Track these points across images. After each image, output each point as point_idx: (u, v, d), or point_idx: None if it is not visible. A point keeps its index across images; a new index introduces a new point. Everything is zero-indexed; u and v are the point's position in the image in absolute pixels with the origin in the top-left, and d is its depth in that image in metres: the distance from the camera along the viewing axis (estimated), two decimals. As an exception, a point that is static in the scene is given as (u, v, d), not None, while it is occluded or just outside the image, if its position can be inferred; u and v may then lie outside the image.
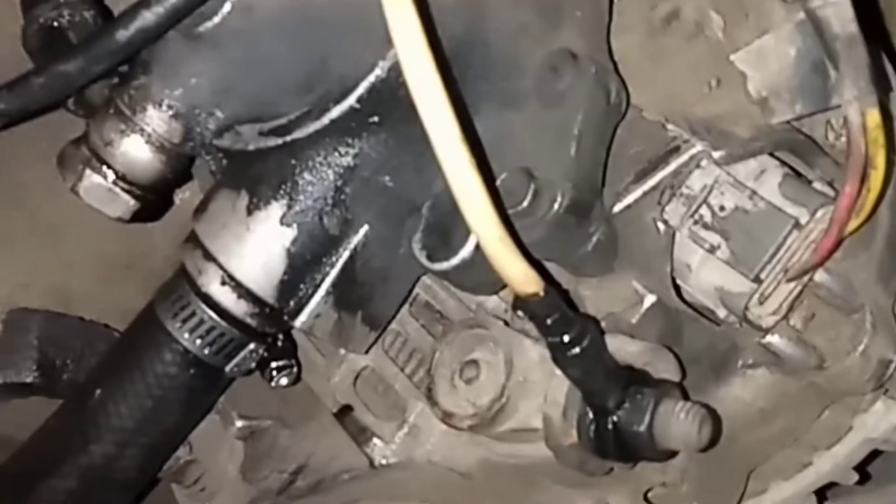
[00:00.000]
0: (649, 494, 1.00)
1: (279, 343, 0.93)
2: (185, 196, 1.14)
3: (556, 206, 0.82)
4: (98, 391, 0.91)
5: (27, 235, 1.19)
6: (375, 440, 1.00)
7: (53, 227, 1.18)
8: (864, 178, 0.81)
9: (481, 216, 0.67)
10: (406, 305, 1.01)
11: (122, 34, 0.74)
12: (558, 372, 0.83)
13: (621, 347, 0.83)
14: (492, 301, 0.97)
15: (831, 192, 0.90)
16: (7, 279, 1.16)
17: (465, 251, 0.81)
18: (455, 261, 0.82)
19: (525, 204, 0.81)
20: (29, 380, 1.07)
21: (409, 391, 1.00)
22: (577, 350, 0.76)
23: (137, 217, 0.89)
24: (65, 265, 1.19)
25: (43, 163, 1.06)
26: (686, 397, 0.84)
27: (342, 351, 1.04)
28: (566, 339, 0.75)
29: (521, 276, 0.70)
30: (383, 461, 1.00)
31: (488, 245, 0.68)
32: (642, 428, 0.80)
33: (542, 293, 0.72)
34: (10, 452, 0.98)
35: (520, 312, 0.77)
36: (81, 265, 1.19)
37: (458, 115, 0.65)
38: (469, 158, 0.66)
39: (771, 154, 0.91)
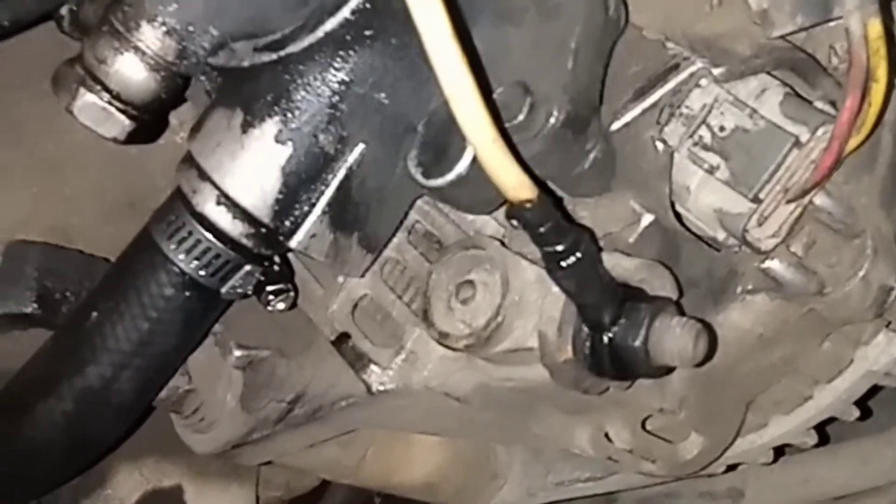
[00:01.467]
0: (647, 422, 1.00)
1: (276, 266, 0.93)
2: (185, 136, 1.14)
3: (552, 120, 0.81)
4: (94, 314, 0.91)
5: (26, 172, 1.19)
6: (373, 367, 1.00)
7: (53, 163, 1.18)
8: (865, 92, 0.80)
9: (474, 119, 0.66)
10: (404, 234, 1.00)
11: None
12: (554, 290, 0.83)
13: (617, 264, 0.83)
14: (490, 227, 0.97)
15: (833, 112, 0.88)
16: (7, 216, 1.16)
17: (461, 166, 0.81)
18: (450, 176, 0.81)
19: (521, 118, 0.80)
20: (28, 311, 1.07)
21: (406, 318, 0.99)
22: (571, 260, 0.75)
23: (132, 138, 0.89)
24: (65, 202, 1.18)
25: (41, 99, 1.06)
26: (682, 314, 0.83)
27: (340, 280, 1.03)
28: (560, 248, 0.74)
29: (514, 181, 0.69)
30: (380, 388, 0.99)
31: (481, 148, 0.67)
32: (638, 343, 0.80)
33: (535, 200, 0.71)
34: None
35: (513, 222, 0.76)
36: (82, 202, 1.19)
37: (452, 21, 0.64)
38: (462, 60, 0.65)
39: (772, 74, 0.90)
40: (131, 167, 1.19)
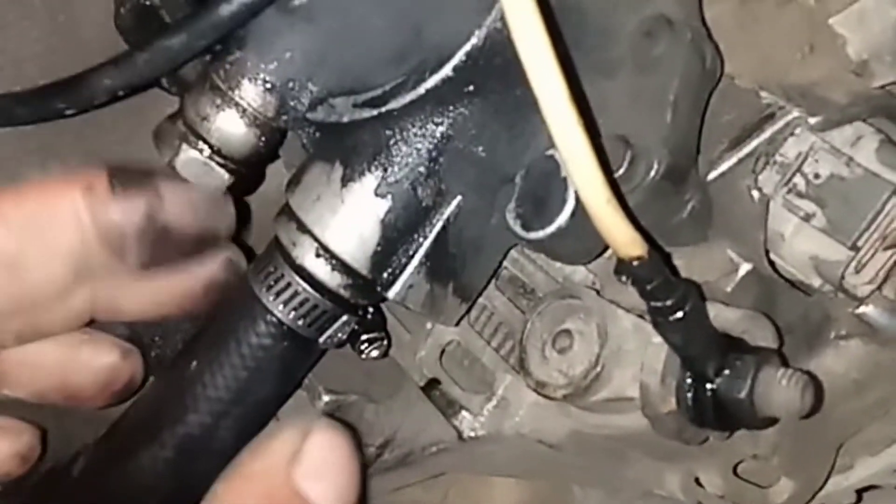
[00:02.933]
0: (739, 468, 0.99)
1: (370, 316, 0.93)
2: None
3: (652, 172, 0.82)
4: (194, 362, 0.92)
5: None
6: (463, 413, 1.00)
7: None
8: (968, 141, 0.80)
9: (589, 178, 0.67)
10: (493, 280, 1.01)
11: (227, 9, 0.76)
12: (655, 340, 0.83)
13: (719, 314, 0.82)
14: (579, 274, 0.97)
15: (930, 158, 0.88)
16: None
17: (562, 219, 0.81)
18: (551, 228, 0.81)
19: (622, 171, 0.81)
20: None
21: (496, 364, 1.00)
22: (679, 315, 0.75)
23: (231, 191, 0.90)
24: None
25: (127, 144, 1.08)
26: (786, 365, 0.83)
27: (428, 326, 1.04)
28: (668, 303, 0.75)
29: (626, 239, 0.70)
30: (472, 434, 1.00)
31: (596, 208, 0.68)
32: (743, 395, 0.80)
33: (646, 256, 0.71)
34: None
35: (622, 278, 0.76)
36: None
37: (566, 77, 0.65)
38: (578, 120, 0.66)
39: (866, 121, 0.90)
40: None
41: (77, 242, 0.84)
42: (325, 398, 1.06)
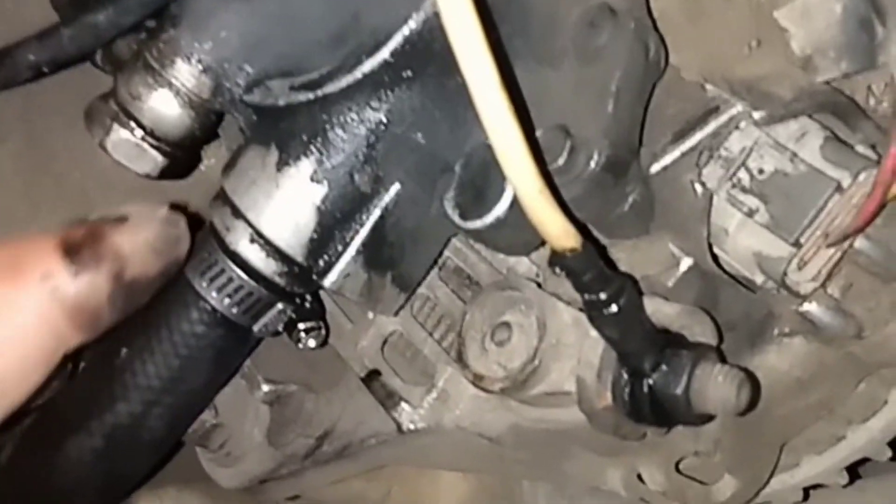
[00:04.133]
0: (681, 464, 0.99)
1: (307, 304, 0.92)
2: (212, 163, 1.13)
3: (592, 163, 0.80)
4: (124, 350, 0.90)
5: (55, 201, 1.18)
6: (403, 405, 0.99)
7: (81, 192, 1.18)
8: (910, 140, 0.79)
9: (521, 168, 0.65)
10: (435, 270, 1.00)
11: None
12: (592, 334, 0.82)
13: (658, 309, 0.81)
14: (523, 265, 0.96)
15: (874, 156, 0.87)
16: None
17: (500, 209, 0.80)
18: (489, 219, 0.80)
19: (561, 161, 0.79)
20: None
21: (438, 356, 0.98)
22: (614, 308, 0.74)
23: (165, 174, 0.88)
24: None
25: (70, 128, 1.06)
26: (723, 361, 0.82)
27: (370, 315, 1.03)
28: (603, 296, 0.73)
29: (559, 230, 0.68)
30: (411, 426, 0.98)
31: (527, 198, 0.66)
32: (679, 391, 0.79)
33: (579, 248, 0.70)
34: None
35: (556, 269, 0.75)
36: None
37: (498, 66, 0.64)
38: (510, 109, 0.64)
39: (811, 117, 0.89)
40: (156, 194, 1.18)
41: (48, 340, 0.73)
42: (265, 387, 1.05)
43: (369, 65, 0.79)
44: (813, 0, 0.83)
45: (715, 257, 0.90)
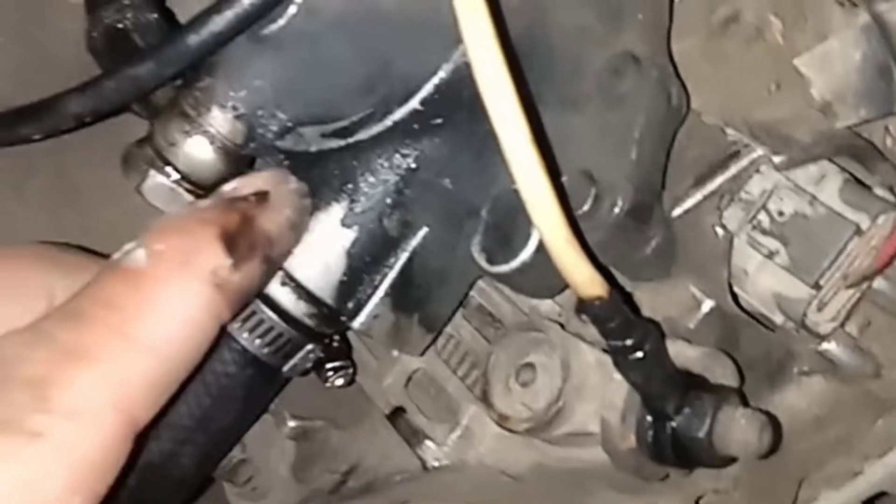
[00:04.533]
0: (701, 501, 1.00)
1: (335, 344, 0.93)
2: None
3: (616, 209, 0.82)
4: (157, 389, 0.91)
5: (82, 236, 1.20)
6: (428, 442, 1.00)
7: (109, 227, 1.19)
8: (928, 184, 0.81)
9: (549, 218, 0.67)
10: (460, 309, 1.01)
11: (194, 38, 0.75)
12: (616, 376, 0.83)
13: (680, 352, 0.83)
14: (545, 305, 0.98)
15: (892, 198, 0.89)
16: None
17: (526, 253, 0.81)
18: (515, 263, 0.82)
19: (586, 207, 0.81)
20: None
21: (462, 394, 1.00)
22: (639, 354, 0.75)
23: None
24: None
25: (98, 165, 1.08)
26: (745, 403, 0.83)
27: (395, 353, 1.04)
28: (629, 342, 0.75)
29: (586, 279, 0.70)
30: (435, 463, 1.00)
31: (555, 247, 0.68)
32: (702, 434, 0.80)
33: (606, 296, 0.71)
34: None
35: (583, 316, 0.76)
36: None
37: (527, 116, 0.65)
38: (538, 159, 0.66)
39: (830, 160, 0.91)
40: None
41: (211, 325, 0.78)
42: (291, 423, 1.06)
43: (400, 113, 0.81)
44: (833, 47, 0.85)
45: (735, 297, 0.92)
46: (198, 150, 0.86)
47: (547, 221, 0.67)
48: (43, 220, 1.22)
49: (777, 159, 0.88)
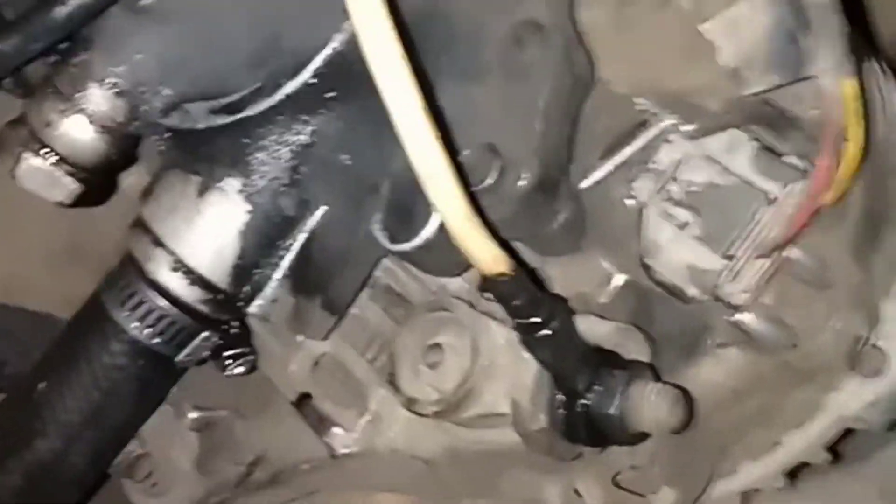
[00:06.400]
0: (619, 478, 0.98)
1: (234, 330, 0.89)
2: (131, 180, 1.10)
3: (522, 182, 0.79)
4: (42, 384, 0.87)
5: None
6: (336, 429, 0.97)
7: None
8: (838, 151, 0.79)
9: (447, 195, 0.64)
10: (366, 289, 0.97)
11: (61, 10, 0.71)
12: (526, 355, 0.80)
13: (591, 328, 0.81)
14: (454, 283, 0.94)
15: (804, 166, 0.87)
16: (-50, 270, 1.11)
17: (428, 231, 0.78)
18: (417, 241, 0.79)
19: (490, 181, 0.78)
20: (-29, 373, 1.03)
21: (370, 378, 0.96)
22: (546, 332, 0.73)
23: (81, 201, 0.85)
24: (8, 253, 1.14)
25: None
26: (658, 378, 0.81)
27: (299, 337, 1.00)
28: (535, 320, 0.73)
29: (488, 257, 0.67)
30: (344, 450, 0.97)
31: (454, 225, 0.65)
32: (613, 410, 0.78)
33: (510, 273, 0.69)
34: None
35: (487, 294, 0.74)
36: (25, 253, 1.15)
37: (420, 90, 0.62)
38: (433, 135, 0.63)
39: (741, 128, 0.89)
40: (74, 213, 1.15)
41: None
42: (192, 414, 1.02)
43: (291, 86, 0.78)
44: (740, 12, 0.82)
45: (648, 270, 0.89)
46: (76, 131, 0.81)
47: (444, 199, 0.64)
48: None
49: (687, 128, 0.86)
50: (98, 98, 0.79)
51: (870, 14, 1.22)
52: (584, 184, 0.87)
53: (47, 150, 0.80)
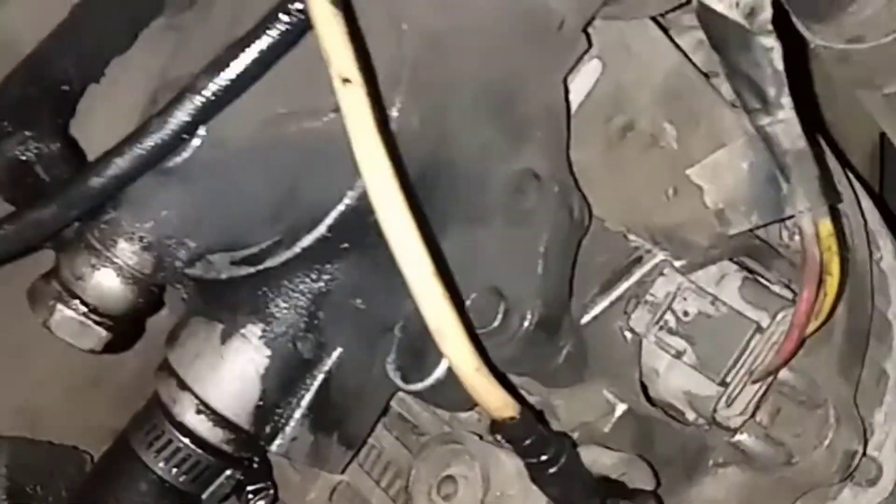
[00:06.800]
0: None
1: (255, 466, 0.93)
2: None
3: (526, 323, 0.84)
4: (73, 525, 0.90)
5: (-12, 359, 1.18)
6: (354, 556, 1.00)
7: (19, 346, 1.17)
8: (820, 284, 0.84)
9: (457, 350, 0.68)
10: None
11: (96, 181, 0.76)
12: (535, 487, 0.84)
13: (596, 460, 0.85)
14: (464, 413, 0.98)
15: (789, 295, 0.93)
16: (-26, 402, 1.15)
17: (439, 371, 0.82)
18: (429, 381, 0.83)
19: (496, 323, 0.83)
20: (-2, 508, 1.06)
21: (385, 504, 1.00)
22: (554, 469, 0.77)
23: (110, 347, 0.89)
24: (31, 384, 1.17)
25: (3, 284, 1.06)
26: (661, 505, 0.85)
27: (317, 467, 1.04)
28: (543, 458, 0.76)
29: (497, 403, 0.71)
30: (362, 578, 0.99)
31: (465, 376, 0.69)
32: (620, 540, 0.81)
33: (518, 416, 0.73)
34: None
35: (497, 436, 0.78)
36: (48, 384, 1.18)
37: (428, 245, 0.67)
38: (442, 294, 0.67)
39: (730, 259, 0.94)
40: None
41: None
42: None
43: (308, 240, 0.82)
44: (722, 158, 0.88)
45: (648, 393, 0.94)
46: (106, 283, 0.85)
47: (455, 354, 0.68)
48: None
49: (678, 264, 0.92)
50: (127, 252, 0.84)
51: (840, 120, 1.28)
52: (585, 318, 0.92)
53: (78, 301, 0.85)
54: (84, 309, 0.85)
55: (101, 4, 0.99)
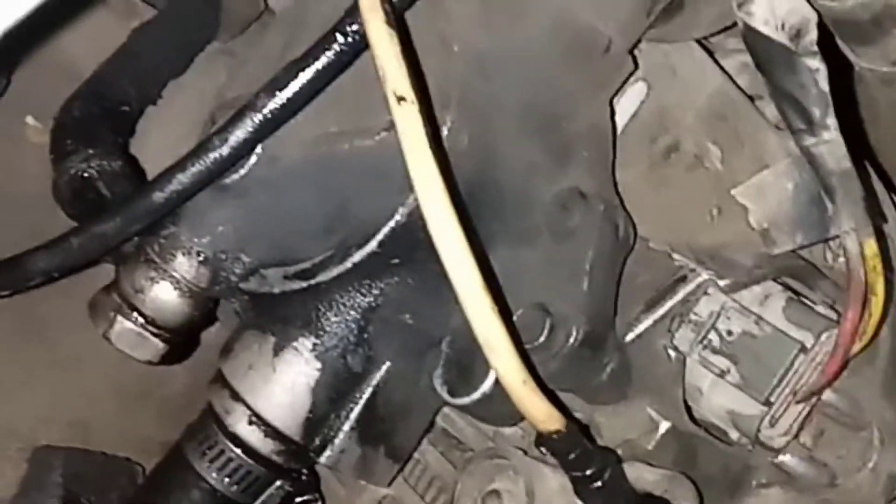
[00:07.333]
0: None
1: (304, 478, 0.95)
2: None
3: (571, 339, 0.85)
4: (128, 532, 0.92)
5: (48, 369, 1.21)
6: (399, 569, 1.01)
7: (73, 359, 1.21)
8: (864, 304, 0.85)
9: (505, 362, 0.70)
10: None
11: (159, 196, 0.78)
12: (579, 501, 0.85)
13: (640, 476, 0.85)
14: (509, 428, 1.00)
15: (834, 315, 0.93)
16: (29, 413, 1.18)
17: (486, 386, 0.84)
18: (476, 395, 0.84)
19: (542, 339, 0.84)
20: (55, 518, 1.08)
21: (431, 519, 1.01)
22: (599, 483, 0.78)
23: (166, 359, 0.92)
24: (84, 397, 1.20)
25: (62, 296, 1.10)
26: (705, 523, 0.86)
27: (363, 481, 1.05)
28: (588, 472, 0.77)
29: (544, 416, 0.73)
30: (408, 591, 1.01)
31: (513, 389, 0.71)
32: (664, 556, 0.82)
33: (564, 430, 0.74)
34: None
35: (542, 449, 0.79)
36: (100, 396, 1.21)
37: (477, 260, 0.68)
38: (491, 307, 0.69)
39: (774, 279, 0.95)
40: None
41: None
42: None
43: (359, 255, 0.84)
44: (767, 178, 0.89)
45: (691, 412, 0.94)
46: (164, 296, 0.88)
47: (503, 366, 0.70)
48: (7, 350, 1.23)
49: (723, 283, 0.92)
50: (184, 266, 0.87)
51: (884, 142, 1.28)
52: (629, 336, 0.93)
53: (137, 313, 0.88)
54: (142, 321, 0.88)
55: (158, 29, 1.02)
